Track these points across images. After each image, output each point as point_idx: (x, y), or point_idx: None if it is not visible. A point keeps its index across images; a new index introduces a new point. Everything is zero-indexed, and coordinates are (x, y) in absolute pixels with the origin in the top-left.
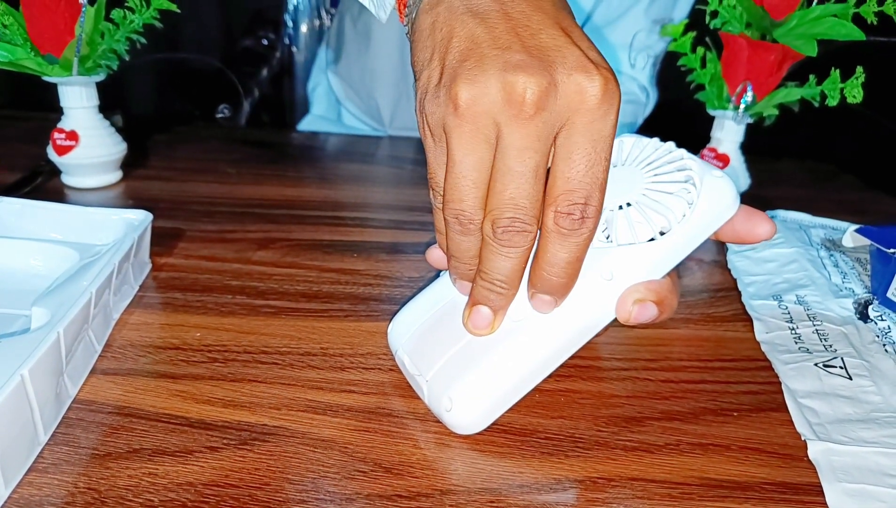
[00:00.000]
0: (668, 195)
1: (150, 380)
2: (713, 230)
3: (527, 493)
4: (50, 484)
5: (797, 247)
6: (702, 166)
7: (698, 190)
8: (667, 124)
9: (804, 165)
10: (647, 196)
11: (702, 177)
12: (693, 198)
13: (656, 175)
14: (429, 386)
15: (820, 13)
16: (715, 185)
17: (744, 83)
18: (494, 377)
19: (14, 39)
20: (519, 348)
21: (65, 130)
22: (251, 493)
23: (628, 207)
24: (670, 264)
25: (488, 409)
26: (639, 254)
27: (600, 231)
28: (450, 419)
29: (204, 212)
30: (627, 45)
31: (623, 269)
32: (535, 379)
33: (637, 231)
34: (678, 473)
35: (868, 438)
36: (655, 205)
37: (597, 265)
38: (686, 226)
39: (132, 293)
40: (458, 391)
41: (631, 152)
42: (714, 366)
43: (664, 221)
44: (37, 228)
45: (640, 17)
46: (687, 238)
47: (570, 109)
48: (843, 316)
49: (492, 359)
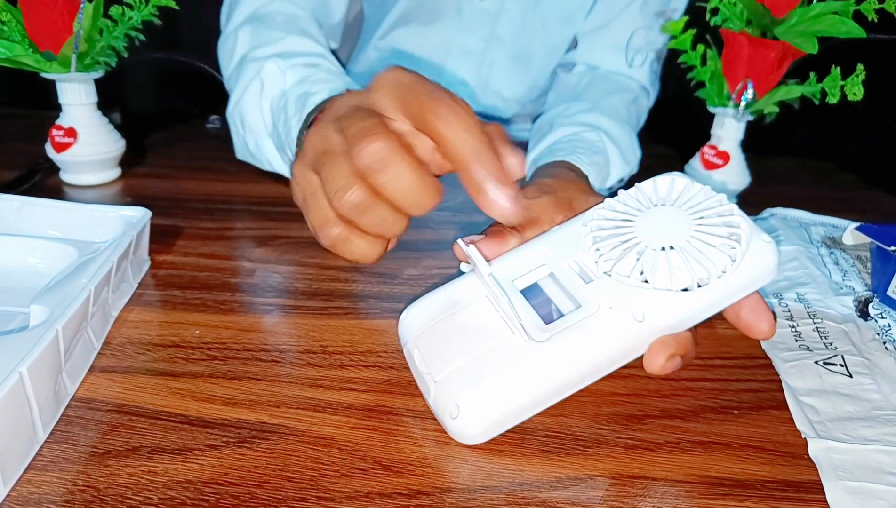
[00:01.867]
0: (712, 248)
1: (149, 378)
2: (748, 292)
3: (527, 491)
4: (49, 482)
5: (797, 244)
6: (750, 226)
7: (744, 248)
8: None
9: (805, 163)
10: (692, 243)
11: (749, 236)
12: (737, 255)
13: (702, 224)
14: (437, 388)
15: (820, 10)
16: (760, 248)
17: (744, 80)
18: (506, 394)
19: (12, 36)
20: (537, 370)
21: (63, 127)
22: (251, 491)
23: (671, 251)
24: (700, 317)
25: (494, 424)
26: (673, 303)
27: (637, 270)
28: (453, 426)
29: (203, 209)
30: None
31: (655, 314)
32: (545, 403)
33: (675, 277)
34: (679, 471)
35: (868, 436)
36: (698, 255)
37: (630, 304)
38: (724, 282)
39: (131, 290)
40: (468, 399)
41: (682, 195)
42: (714, 364)
43: (704, 273)
44: (35, 225)
45: (636, 16)
46: (722, 295)
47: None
48: (844, 314)
49: (507, 375)
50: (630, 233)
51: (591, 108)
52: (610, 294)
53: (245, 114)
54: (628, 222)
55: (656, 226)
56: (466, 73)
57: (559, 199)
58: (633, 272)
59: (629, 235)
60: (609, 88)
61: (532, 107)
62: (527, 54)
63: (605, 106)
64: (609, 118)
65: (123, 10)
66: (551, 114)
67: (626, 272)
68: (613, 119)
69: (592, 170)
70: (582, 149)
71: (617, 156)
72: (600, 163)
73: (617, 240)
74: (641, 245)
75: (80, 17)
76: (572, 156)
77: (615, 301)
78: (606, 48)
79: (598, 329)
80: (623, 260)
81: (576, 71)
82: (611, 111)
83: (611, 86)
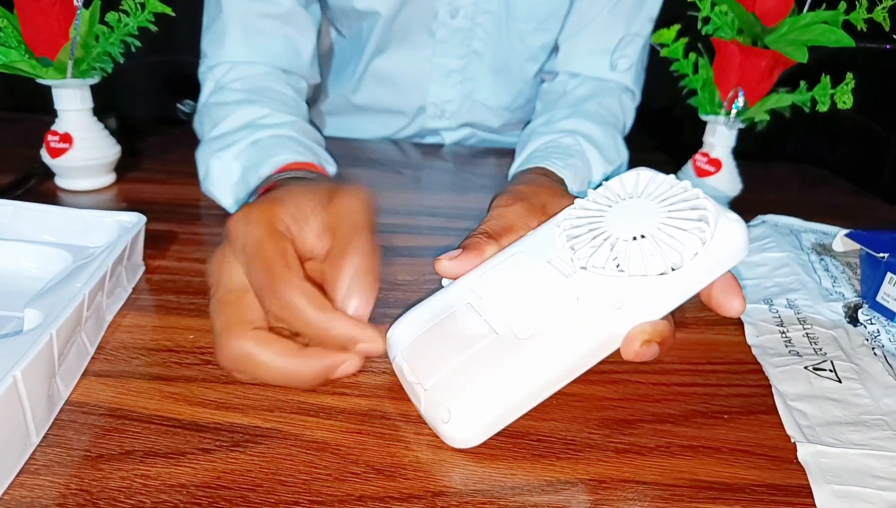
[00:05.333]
0: (683, 232)
1: (142, 382)
2: (723, 271)
3: (518, 495)
4: (41, 486)
5: (788, 251)
6: (716, 207)
7: (712, 229)
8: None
9: (795, 170)
10: (662, 230)
11: (717, 217)
12: (707, 237)
13: (671, 211)
14: (427, 396)
15: (810, 20)
16: (729, 227)
17: (735, 88)
18: (496, 393)
19: (8, 42)
20: (523, 367)
21: (58, 133)
22: (243, 495)
23: (642, 239)
24: (678, 300)
25: (486, 425)
26: (650, 287)
27: (611, 260)
28: (446, 430)
29: (197, 214)
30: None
31: (633, 300)
32: (534, 400)
33: (649, 263)
34: (669, 475)
35: (857, 440)
36: (669, 240)
37: (608, 293)
38: (697, 263)
39: (125, 295)
40: (458, 403)
41: (647, 187)
42: (705, 369)
43: (677, 257)
44: (30, 230)
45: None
46: (697, 276)
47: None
48: (833, 320)
49: (495, 375)
50: (602, 227)
51: (571, 114)
52: (587, 286)
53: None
54: (599, 218)
55: (627, 218)
56: (450, 91)
57: (532, 205)
58: (607, 263)
59: (601, 229)
60: (589, 93)
61: (521, 114)
62: (506, 65)
63: (584, 110)
64: (588, 121)
65: (119, 16)
66: (533, 125)
67: (602, 264)
68: (593, 122)
69: (568, 173)
70: (557, 154)
71: (597, 156)
72: (577, 166)
73: (590, 236)
74: (614, 236)
75: (77, 23)
76: (546, 161)
77: (593, 292)
78: (584, 53)
79: (579, 320)
80: (597, 253)
81: (558, 80)
82: (590, 114)
83: (591, 90)
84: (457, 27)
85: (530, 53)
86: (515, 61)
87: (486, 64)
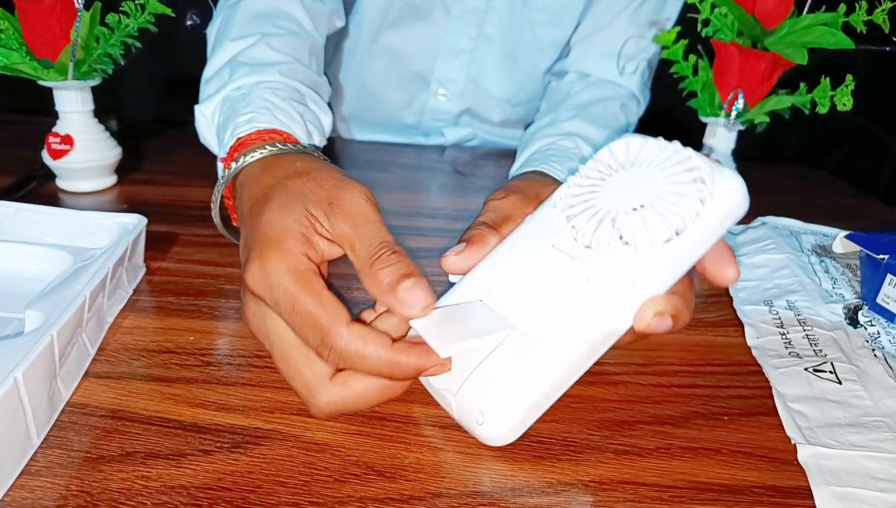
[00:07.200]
0: (681, 195)
1: (143, 384)
2: (727, 227)
3: (518, 496)
4: (42, 487)
5: (788, 252)
6: (710, 165)
7: (710, 187)
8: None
9: (795, 172)
10: (661, 197)
11: (712, 175)
12: (705, 195)
13: (666, 176)
14: (457, 401)
15: (810, 22)
16: (726, 183)
17: (735, 91)
18: (524, 388)
19: (9, 44)
20: (546, 358)
21: (60, 134)
22: (244, 496)
23: (642, 209)
24: (688, 264)
25: (520, 420)
26: (659, 256)
27: (616, 236)
28: (482, 432)
29: (198, 216)
30: (615, 53)
31: (645, 272)
32: (563, 387)
33: (653, 232)
34: (669, 477)
35: (857, 442)
36: (669, 206)
37: (618, 269)
38: (700, 223)
39: (126, 297)
40: (489, 404)
41: (639, 154)
42: (705, 371)
43: (679, 221)
44: (31, 232)
45: (626, 24)
46: (702, 236)
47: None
48: (833, 322)
49: (520, 371)
50: (600, 202)
51: (575, 116)
52: (596, 266)
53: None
54: (595, 193)
55: (623, 190)
56: (456, 71)
57: (526, 195)
58: (612, 238)
59: (599, 205)
60: (597, 96)
61: (522, 112)
62: (514, 54)
63: (589, 113)
64: (592, 124)
65: (120, 17)
66: (535, 126)
67: (606, 240)
68: (596, 125)
69: (565, 176)
70: (556, 157)
71: None
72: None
73: (589, 213)
74: (613, 210)
75: (78, 25)
76: (545, 164)
77: (603, 271)
78: (597, 56)
79: (592, 302)
80: (600, 230)
81: (566, 79)
82: (595, 117)
83: (599, 93)
84: (472, 6)
85: (539, 46)
86: (524, 51)
87: (496, 49)
